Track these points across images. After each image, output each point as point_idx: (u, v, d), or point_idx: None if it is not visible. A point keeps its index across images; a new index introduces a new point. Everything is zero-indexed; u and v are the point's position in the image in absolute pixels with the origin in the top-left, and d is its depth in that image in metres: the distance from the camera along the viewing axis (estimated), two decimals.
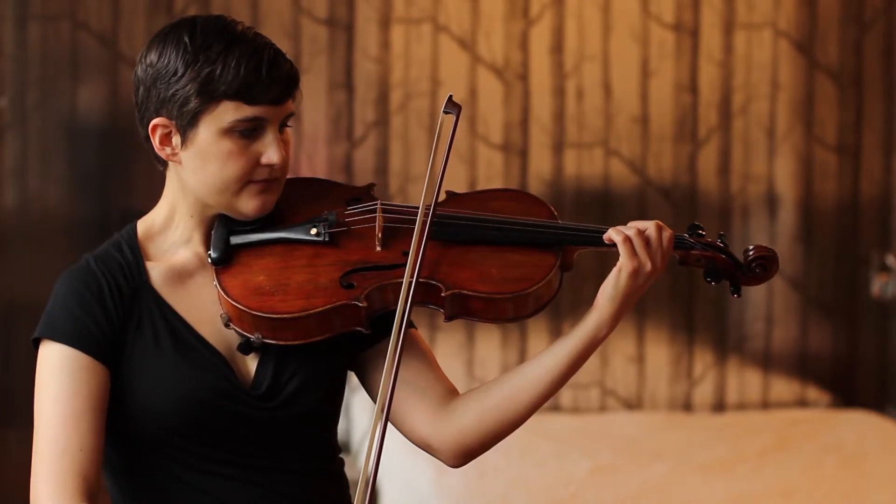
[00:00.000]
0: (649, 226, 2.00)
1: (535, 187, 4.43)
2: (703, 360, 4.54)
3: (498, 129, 4.43)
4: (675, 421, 4.40)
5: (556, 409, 4.41)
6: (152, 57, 1.95)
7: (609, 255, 2.03)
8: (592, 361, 4.31)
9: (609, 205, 4.48)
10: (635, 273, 1.98)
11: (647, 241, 1.99)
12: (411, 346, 2.05)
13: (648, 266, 1.99)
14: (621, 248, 1.99)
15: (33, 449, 1.92)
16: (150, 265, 2.01)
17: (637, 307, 4.05)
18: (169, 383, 1.95)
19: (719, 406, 4.55)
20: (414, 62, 4.39)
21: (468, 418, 2.03)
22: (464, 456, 2.06)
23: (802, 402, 4.58)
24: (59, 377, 1.92)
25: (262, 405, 1.99)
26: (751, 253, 2.07)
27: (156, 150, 1.98)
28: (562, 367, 2.01)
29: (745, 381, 4.54)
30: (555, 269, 2.02)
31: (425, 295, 1.99)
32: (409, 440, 2.08)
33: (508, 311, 2.01)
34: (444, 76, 4.41)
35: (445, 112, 2.02)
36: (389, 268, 1.99)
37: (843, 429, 4.29)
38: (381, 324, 2.00)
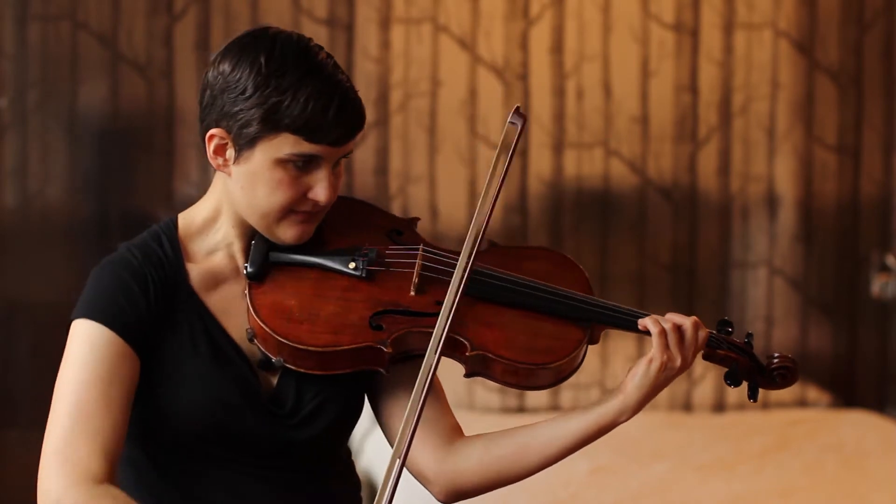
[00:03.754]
0: (686, 322, 2.03)
1: (535, 187, 4.43)
2: (702, 360, 4.52)
3: (498, 129, 4.42)
4: (675, 421, 4.39)
5: (556, 409, 4.40)
6: (226, 67, 1.93)
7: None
8: (592, 361, 4.31)
9: (609, 205, 4.47)
10: (664, 367, 2.02)
11: (681, 336, 2.02)
12: None
13: (678, 361, 2.02)
14: (655, 340, 2.02)
15: (54, 428, 1.87)
16: (189, 266, 2.00)
17: (637, 307, 4.03)
18: (200, 385, 1.95)
19: (719, 406, 4.55)
20: (414, 62, 4.39)
21: (470, 462, 2.04)
22: (456, 495, 2.06)
23: (802, 402, 4.57)
24: (98, 360, 1.90)
25: (282, 421, 1.99)
26: (775, 361, 2.13)
27: (208, 157, 1.97)
28: (574, 439, 2.03)
29: None
30: (582, 345, 2.02)
31: (451, 348, 1.96)
32: (407, 469, 2.05)
33: (525, 380, 2.00)
34: (444, 76, 4.40)
35: (511, 123, 2.01)
36: (420, 315, 1.98)
37: (843, 429, 4.29)
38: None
